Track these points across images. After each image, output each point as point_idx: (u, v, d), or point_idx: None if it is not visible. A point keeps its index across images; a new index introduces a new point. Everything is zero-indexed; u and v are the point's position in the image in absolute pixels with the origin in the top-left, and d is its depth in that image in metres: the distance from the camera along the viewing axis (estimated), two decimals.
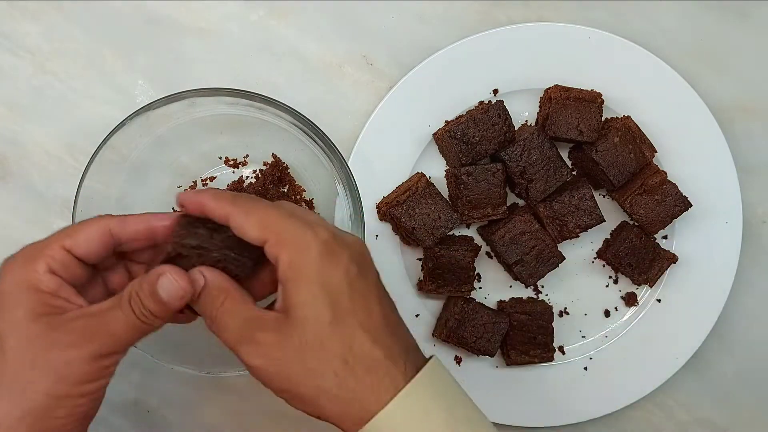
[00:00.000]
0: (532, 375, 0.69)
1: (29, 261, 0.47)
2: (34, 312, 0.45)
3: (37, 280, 0.46)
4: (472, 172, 0.66)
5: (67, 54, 0.69)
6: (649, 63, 0.68)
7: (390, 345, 0.46)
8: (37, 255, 0.47)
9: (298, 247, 0.45)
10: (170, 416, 0.69)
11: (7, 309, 0.46)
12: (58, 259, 0.47)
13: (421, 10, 0.70)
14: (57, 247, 0.47)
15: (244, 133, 0.66)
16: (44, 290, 0.46)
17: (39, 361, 0.45)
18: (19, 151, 0.69)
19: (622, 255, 0.68)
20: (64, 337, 0.45)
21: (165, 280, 0.46)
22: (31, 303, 0.45)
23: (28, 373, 0.45)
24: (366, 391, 0.45)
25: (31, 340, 0.45)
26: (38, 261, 0.46)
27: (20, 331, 0.45)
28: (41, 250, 0.47)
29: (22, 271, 0.46)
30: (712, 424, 0.72)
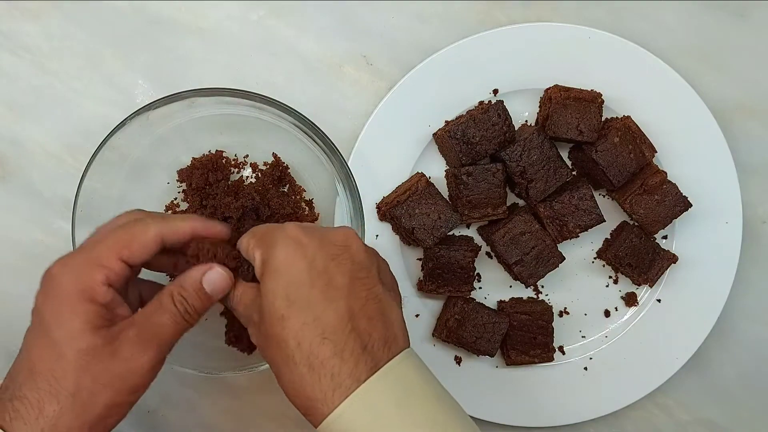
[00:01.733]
0: (532, 375, 0.69)
1: (88, 270, 0.47)
2: (92, 324, 0.46)
3: (94, 292, 0.47)
4: (472, 172, 0.66)
5: (67, 54, 0.69)
6: (649, 63, 0.68)
7: (344, 341, 0.45)
8: (95, 265, 0.47)
9: (267, 244, 0.48)
10: (170, 416, 0.69)
11: (64, 319, 0.46)
12: (116, 271, 0.47)
13: (421, 10, 0.70)
14: (115, 258, 0.47)
15: (244, 133, 0.66)
16: (100, 302, 0.47)
17: (101, 374, 0.46)
18: (19, 151, 0.69)
19: (622, 255, 0.68)
20: (121, 349, 0.47)
21: (213, 274, 0.50)
22: (88, 314, 0.46)
23: (90, 386, 0.46)
24: (311, 389, 0.45)
25: (90, 352, 0.46)
26: (97, 272, 0.47)
27: (79, 342, 0.46)
28: (100, 260, 0.47)
29: (80, 280, 0.46)
30: (712, 424, 0.72)
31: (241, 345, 0.59)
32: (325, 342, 0.45)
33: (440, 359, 0.69)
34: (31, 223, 0.69)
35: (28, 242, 0.68)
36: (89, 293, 0.46)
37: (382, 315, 0.47)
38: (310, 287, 0.46)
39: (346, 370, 0.44)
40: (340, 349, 0.45)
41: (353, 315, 0.46)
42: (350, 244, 0.48)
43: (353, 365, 0.44)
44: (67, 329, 0.46)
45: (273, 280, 0.47)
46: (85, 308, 0.46)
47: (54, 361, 0.45)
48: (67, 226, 0.66)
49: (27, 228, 0.69)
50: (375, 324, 0.46)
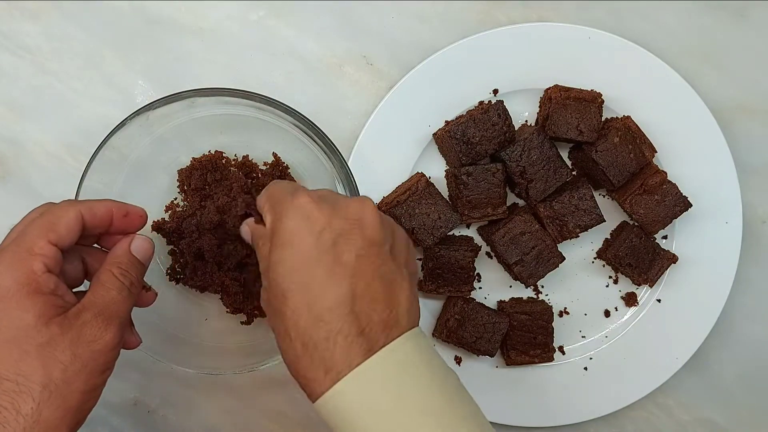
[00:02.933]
0: (532, 375, 0.69)
1: (23, 262, 0.46)
2: (45, 315, 0.45)
3: (37, 283, 0.46)
4: (472, 172, 0.66)
5: (67, 54, 0.69)
6: (649, 63, 0.68)
7: (340, 326, 0.44)
8: (28, 254, 0.46)
9: (277, 211, 0.47)
10: (170, 416, 0.69)
11: (14, 317, 0.45)
12: (50, 255, 0.47)
13: (421, 10, 0.70)
14: (45, 243, 0.47)
15: (244, 133, 0.66)
16: (46, 291, 0.46)
17: (69, 361, 0.45)
18: (19, 151, 0.69)
19: (622, 255, 0.68)
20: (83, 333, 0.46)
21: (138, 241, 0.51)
22: (38, 307, 0.45)
23: (62, 375, 0.45)
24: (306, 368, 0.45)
25: (52, 344, 0.45)
26: (33, 261, 0.46)
27: (37, 337, 0.45)
28: (32, 249, 0.46)
29: (18, 274, 0.45)
30: (712, 424, 0.72)
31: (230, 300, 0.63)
32: (320, 324, 0.44)
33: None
34: None
35: None
36: (33, 285, 0.45)
37: (387, 296, 0.46)
38: (314, 265, 0.45)
39: (338, 354, 0.44)
40: (334, 332, 0.44)
41: (354, 296, 0.45)
42: (364, 218, 0.47)
43: (346, 349, 0.44)
44: (20, 327, 0.45)
45: (278, 251, 0.46)
46: (32, 301, 0.45)
47: (17, 360, 0.44)
48: None
49: None
50: (376, 306, 0.45)
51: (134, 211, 0.52)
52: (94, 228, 0.50)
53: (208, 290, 0.65)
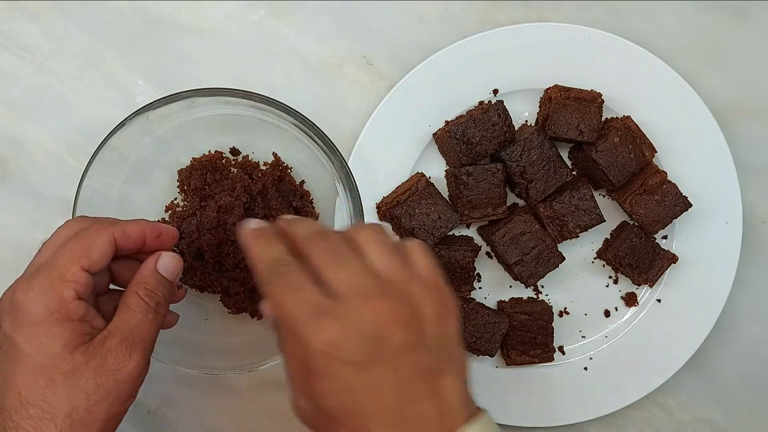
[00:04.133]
0: (532, 375, 0.69)
1: (55, 288, 0.46)
2: (72, 344, 0.46)
3: (67, 310, 0.46)
4: (472, 172, 0.66)
5: (67, 54, 0.69)
6: (649, 63, 0.68)
7: None
8: (60, 281, 0.46)
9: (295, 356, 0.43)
10: (170, 416, 0.69)
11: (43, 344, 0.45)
12: (82, 282, 0.47)
13: (421, 10, 0.70)
14: (78, 269, 0.47)
15: (244, 133, 0.66)
16: (75, 318, 0.46)
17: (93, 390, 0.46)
18: (19, 151, 0.69)
19: (622, 255, 0.68)
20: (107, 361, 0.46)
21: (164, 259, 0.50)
22: (66, 335, 0.45)
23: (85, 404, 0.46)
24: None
25: (76, 372, 0.45)
26: (65, 288, 0.46)
27: (63, 365, 0.45)
28: (64, 275, 0.46)
29: (49, 301, 0.45)
30: (712, 424, 0.72)
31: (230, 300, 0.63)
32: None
33: None
34: (31, 223, 0.69)
35: (28, 242, 0.68)
36: (62, 312, 0.46)
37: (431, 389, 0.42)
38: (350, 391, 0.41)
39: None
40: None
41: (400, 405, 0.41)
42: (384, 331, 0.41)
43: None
44: (48, 354, 0.45)
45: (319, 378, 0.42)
46: (61, 329, 0.45)
47: (43, 387, 0.45)
48: None
49: (27, 228, 0.69)
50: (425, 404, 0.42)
51: (167, 231, 0.52)
52: (126, 250, 0.50)
53: (208, 290, 0.65)
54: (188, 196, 0.65)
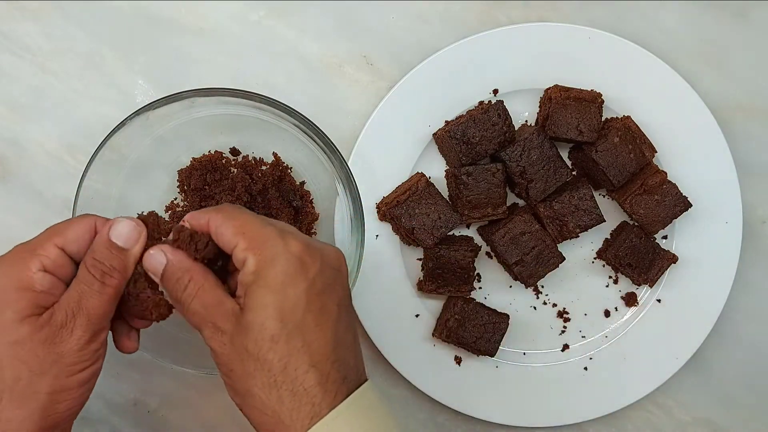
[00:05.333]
0: (532, 375, 0.69)
1: (22, 260, 0.46)
2: (22, 313, 0.45)
3: (30, 279, 0.46)
4: (472, 172, 0.66)
5: (67, 54, 0.69)
6: (649, 63, 0.68)
7: (328, 371, 0.45)
8: (29, 254, 0.46)
9: (266, 254, 0.45)
10: (170, 416, 0.69)
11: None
12: (52, 257, 0.46)
13: (421, 10, 0.70)
14: (50, 245, 0.47)
15: (244, 133, 0.66)
16: (38, 289, 0.46)
17: (33, 362, 0.45)
18: (19, 151, 0.69)
19: (622, 255, 0.68)
20: (51, 334, 0.46)
21: (118, 226, 0.47)
22: (20, 304, 0.45)
23: (27, 376, 0.45)
24: (285, 414, 0.44)
25: (20, 343, 0.45)
26: (31, 259, 0.46)
27: (10, 334, 0.45)
28: (33, 249, 0.46)
29: (13, 270, 0.46)
30: (712, 424, 0.72)
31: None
32: (311, 370, 0.44)
33: (440, 359, 0.69)
34: (31, 223, 0.69)
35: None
36: (23, 282, 0.45)
37: (355, 344, 0.48)
38: (305, 311, 0.45)
39: (327, 400, 0.44)
40: (324, 378, 0.44)
41: (337, 344, 0.46)
42: (341, 269, 0.48)
43: (333, 396, 0.44)
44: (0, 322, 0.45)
45: (268, 295, 0.44)
46: (16, 297, 0.45)
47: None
48: None
49: (27, 228, 0.68)
50: (350, 353, 0.47)
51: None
52: None
53: None
54: (188, 196, 0.65)
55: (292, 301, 0.45)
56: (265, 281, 0.45)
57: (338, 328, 0.46)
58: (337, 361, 0.45)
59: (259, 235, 0.46)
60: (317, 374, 0.44)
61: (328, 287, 0.46)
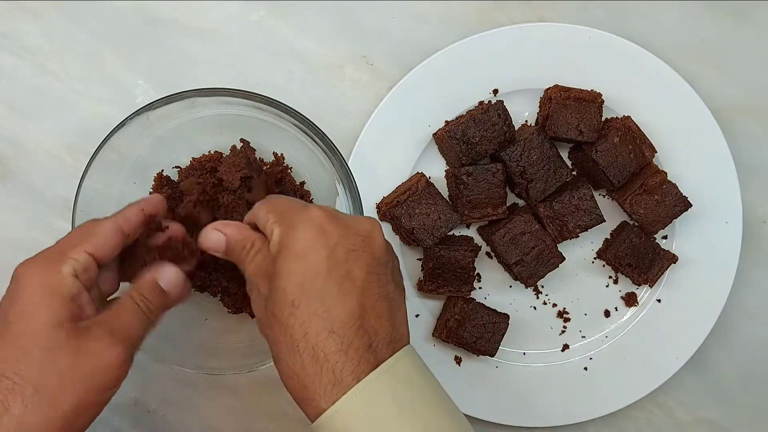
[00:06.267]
0: (532, 375, 0.69)
1: (53, 264, 0.46)
2: (57, 318, 0.45)
3: (61, 284, 0.46)
4: (472, 172, 0.66)
5: (67, 54, 0.69)
6: (649, 63, 0.68)
7: (351, 339, 0.45)
8: (61, 258, 0.47)
9: (289, 224, 0.47)
10: (170, 416, 0.69)
11: (28, 315, 0.45)
12: (82, 262, 0.47)
13: (421, 10, 0.70)
14: (80, 250, 0.47)
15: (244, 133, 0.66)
16: (66, 295, 0.46)
17: (67, 371, 0.45)
18: (19, 151, 0.69)
19: (622, 255, 0.68)
20: (89, 346, 0.46)
21: (166, 273, 0.51)
22: (53, 308, 0.45)
23: (57, 383, 0.45)
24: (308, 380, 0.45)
25: (56, 348, 0.45)
26: (63, 264, 0.46)
27: (44, 339, 0.45)
28: (65, 253, 0.47)
29: (46, 275, 0.46)
30: (712, 424, 0.72)
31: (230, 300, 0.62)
32: (332, 336, 0.45)
33: (440, 359, 0.69)
34: (31, 223, 0.69)
35: (28, 242, 0.68)
36: (55, 287, 0.46)
37: (390, 314, 0.47)
38: (326, 277, 0.45)
39: (349, 367, 0.44)
40: (346, 345, 0.45)
41: (364, 311, 0.45)
42: (373, 237, 0.48)
43: (356, 363, 0.44)
44: (31, 326, 0.45)
45: (290, 262, 0.46)
46: (49, 302, 0.45)
47: (19, 360, 0.44)
48: (67, 226, 0.66)
49: (27, 228, 0.69)
50: (383, 322, 0.46)
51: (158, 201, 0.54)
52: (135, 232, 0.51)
53: (208, 290, 0.65)
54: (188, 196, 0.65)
55: (312, 267, 0.46)
56: (287, 249, 0.46)
57: (366, 296, 0.46)
58: (362, 328, 0.45)
59: (285, 208, 0.49)
60: (338, 341, 0.44)
61: (352, 254, 0.46)
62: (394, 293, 0.48)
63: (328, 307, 0.45)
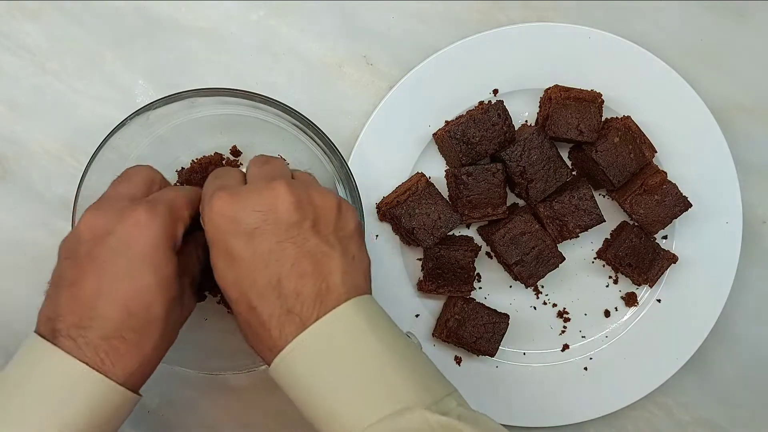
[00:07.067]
0: (533, 375, 0.69)
1: (173, 221, 0.49)
2: (177, 274, 0.49)
3: (179, 242, 0.50)
4: (472, 172, 0.66)
5: (67, 54, 0.69)
6: (649, 63, 0.68)
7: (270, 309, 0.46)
8: (178, 217, 0.50)
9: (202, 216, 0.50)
10: (170, 416, 0.69)
11: (158, 266, 0.48)
12: (185, 225, 0.51)
13: (421, 10, 0.70)
14: (187, 214, 0.51)
15: (244, 133, 0.66)
16: (176, 249, 0.50)
17: (174, 321, 0.51)
18: (19, 151, 0.69)
19: (622, 255, 0.68)
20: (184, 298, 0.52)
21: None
22: (175, 264, 0.49)
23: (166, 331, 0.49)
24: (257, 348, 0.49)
25: (174, 300, 0.49)
26: (180, 224, 0.50)
27: (170, 291, 0.48)
28: (180, 213, 0.50)
29: (168, 230, 0.49)
30: (712, 424, 0.72)
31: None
32: (254, 312, 0.47)
33: (440, 359, 0.69)
34: (31, 223, 0.69)
35: (28, 242, 0.68)
36: (175, 243, 0.49)
37: (315, 269, 0.47)
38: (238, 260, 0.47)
39: (275, 334, 0.46)
40: (267, 316, 0.47)
41: (280, 280, 0.47)
42: (275, 205, 0.48)
43: (279, 329, 0.46)
44: (161, 277, 0.48)
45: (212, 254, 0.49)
46: (173, 258, 0.49)
47: (149, 305, 0.47)
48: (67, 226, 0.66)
49: (27, 228, 0.69)
50: (306, 281, 0.47)
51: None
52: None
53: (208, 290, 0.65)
54: None
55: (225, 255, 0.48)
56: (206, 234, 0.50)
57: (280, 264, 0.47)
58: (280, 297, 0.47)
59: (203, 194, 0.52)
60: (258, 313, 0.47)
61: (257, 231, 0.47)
62: (318, 246, 0.48)
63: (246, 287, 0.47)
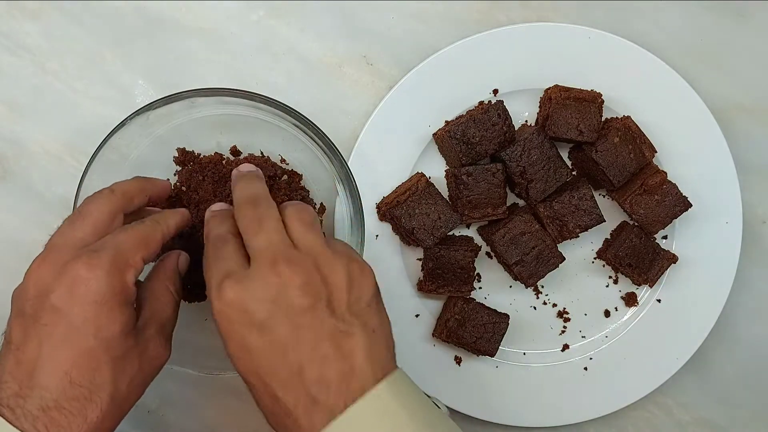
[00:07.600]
0: (533, 375, 0.69)
1: (120, 272, 0.46)
2: (127, 327, 0.47)
3: (128, 293, 0.47)
4: (472, 172, 0.66)
5: (67, 54, 0.69)
6: (649, 63, 0.68)
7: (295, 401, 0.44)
8: (125, 265, 0.47)
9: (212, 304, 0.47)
10: (170, 416, 0.69)
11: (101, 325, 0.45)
12: (139, 270, 0.48)
13: (421, 10, 0.70)
14: (139, 258, 0.48)
15: (244, 133, 0.66)
16: (131, 302, 0.47)
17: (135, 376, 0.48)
18: (19, 151, 0.69)
19: (622, 255, 0.68)
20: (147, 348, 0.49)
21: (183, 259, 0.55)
22: (124, 318, 0.46)
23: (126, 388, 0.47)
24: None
25: (125, 357, 0.47)
26: (128, 272, 0.47)
27: (117, 350, 0.46)
28: (127, 260, 0.47)
29: (114, 282, 0.46)
30: (712, 424, 0.72)
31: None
32: (277, 400, 0.44)
33: (440, 359, 0.69)
34: (31, 223, 0.69)
35: (28, 242, 0.68)
36: (124, 296, 0.46)
37: (337, 351, 0.44)
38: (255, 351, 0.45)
39: (303, 424, 0.43)
40: (292, 406, 0.44)
41: (302, 366, 0.44)
42: (284, 292, 0.44)
43: (309, 420, 0.43)
44: (104, 337, 0.45)
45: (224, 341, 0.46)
46: (121, 312, 0.46)
47: (93, 370, 0.45)
48: None
49: (27, 228, 0.69)
50: (328, 365, 0.43)
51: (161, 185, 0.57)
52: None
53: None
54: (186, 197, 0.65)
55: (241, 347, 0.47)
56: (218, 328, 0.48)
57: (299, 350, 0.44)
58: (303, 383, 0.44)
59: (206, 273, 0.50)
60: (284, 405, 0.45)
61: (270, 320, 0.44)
62: (336, 325, 0.44)
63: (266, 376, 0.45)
